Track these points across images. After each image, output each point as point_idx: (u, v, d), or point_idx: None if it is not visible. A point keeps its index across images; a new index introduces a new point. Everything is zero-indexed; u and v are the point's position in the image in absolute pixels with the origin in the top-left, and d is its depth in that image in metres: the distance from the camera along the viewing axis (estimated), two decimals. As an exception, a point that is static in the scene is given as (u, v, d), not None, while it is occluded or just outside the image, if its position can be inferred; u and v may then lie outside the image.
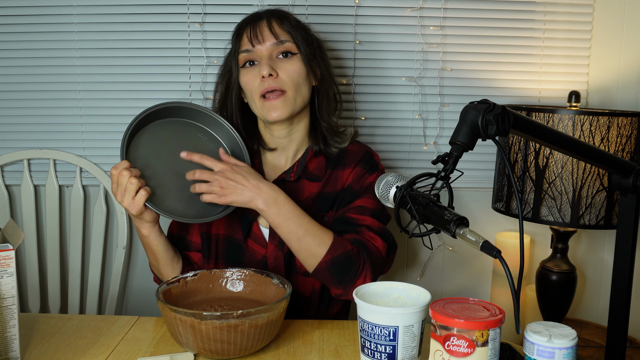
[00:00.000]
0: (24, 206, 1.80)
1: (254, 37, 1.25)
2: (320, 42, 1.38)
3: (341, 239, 1.18)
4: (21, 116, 1.78)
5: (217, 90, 1.37)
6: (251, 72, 1.25)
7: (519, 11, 1.73)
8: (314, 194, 1.29)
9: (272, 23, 1.26)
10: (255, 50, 1.25)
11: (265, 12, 1.30)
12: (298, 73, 1.25)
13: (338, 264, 1.15)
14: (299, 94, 1.25)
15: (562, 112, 1.45)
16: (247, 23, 1.28)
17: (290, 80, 1.24)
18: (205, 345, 0.97)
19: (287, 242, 1.18)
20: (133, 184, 1.11)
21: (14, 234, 1.01)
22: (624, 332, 1.04)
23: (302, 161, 1.31)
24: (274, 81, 1.22)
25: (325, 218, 1.28)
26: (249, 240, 1.28)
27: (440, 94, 1.76)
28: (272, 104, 1.23)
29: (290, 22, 1.28)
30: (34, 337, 1.09)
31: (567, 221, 1.46)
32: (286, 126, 1.30)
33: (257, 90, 1.24)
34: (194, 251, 1.33)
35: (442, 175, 0.87)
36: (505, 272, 0.76)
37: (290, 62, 1.25)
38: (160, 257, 1.24)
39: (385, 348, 0.90)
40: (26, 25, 1.73)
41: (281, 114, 1.23)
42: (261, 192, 1.15)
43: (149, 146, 1.22)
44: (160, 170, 1.21)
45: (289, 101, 1.24)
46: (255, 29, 1.25)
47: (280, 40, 1.24)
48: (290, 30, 1.26)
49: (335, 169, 1.31)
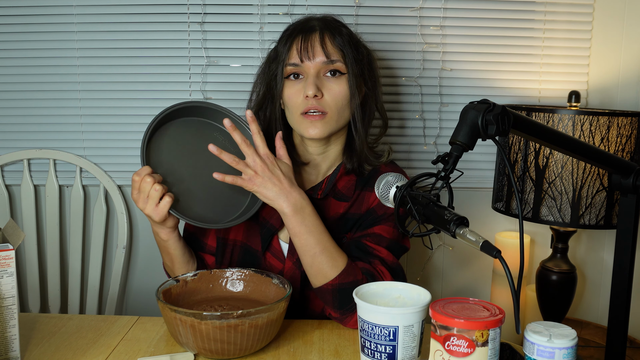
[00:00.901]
0: (24, 206, 1.80)
1: (304, 51, 1.19)
2: (371, 57, 1.31)
3: (354, 266, 1.15)
4: (21, 116, 1.78)
5: (255, 90, 1.31)
6: (295, 86, 1.21)
7: (519, 11, 1.73)
8: (339, 214, 1.26)
9: (325, 38, 1.20)
10: (303, 66, 1.20)
11: (319, 21, 1.24)
12: (344, 95, 1.20)
13: (344, 291, 1.12)
14: (341, 116, 1.22)
15: (562, 112, 1.45)
16: (299, 32, 1.22)
17: (334, 102, 1.20)
18: (205, 345, 0.97)
19: (301, 254, 1.15)
20: (157, 190, 1.07)
21: (14, 234, 1.01)
22: (624, 332, 1.04)
23: (332, 179, 1.27)
24: (318, 102, 1.19)
25: (344, 239, 1.25)
26: (267, 253, 1.26)
27: (440, 94, 1.76)
28: (311, 122, 1.19)
29: (342, 37, 1.22)
30: (34, 337, 1.09)
31: (567, 221, 1.46)
32: (322, 144, 1.26)
33: (299, 107, 1.20)
34: (208, 254, 1.31)
35: (442, 175, 0.87)
36: (505, 272, 0.76)
37: (338, 83, 1.20)
38: (176, 261, 1.21)
39: (385, 348, 0.90)
40: (26, 25, 1.73)
41: (319, 133, 1.20)
42: (290, 195, 1.12)
43: (169, 150, 1.17)
44: (183, 174, 1.17)
45: (328, 122, 1.20)
46: (307, 43, 1.20)
47: (331, 60, 1.19)
48: (342, 48, 1.21)
49: (364, 190, 1.27)
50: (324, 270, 1.13)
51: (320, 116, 1.19)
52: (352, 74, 1.21)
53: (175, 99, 1.72)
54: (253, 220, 1.26)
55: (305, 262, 1.15)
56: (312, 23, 1.23)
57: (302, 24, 1.24)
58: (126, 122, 1.77)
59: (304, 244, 1.13)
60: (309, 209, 1.14)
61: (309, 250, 1.13)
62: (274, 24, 1.71)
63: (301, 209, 1.13)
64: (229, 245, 1.29)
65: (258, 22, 1.71)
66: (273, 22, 1.71)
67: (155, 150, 1.16)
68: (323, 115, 1.19)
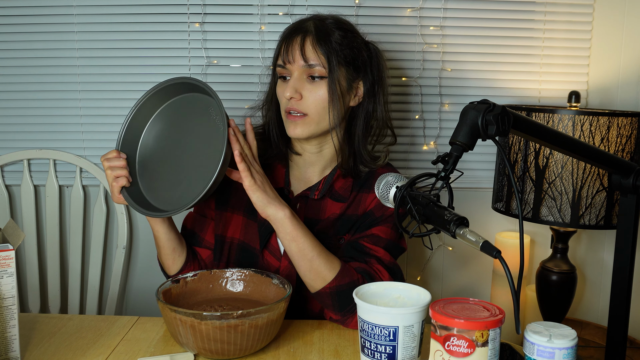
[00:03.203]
0: (24, 206, 1.80)
1: (285, 54, 1.21)
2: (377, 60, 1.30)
3: (348, 267, 1.15)
4: (21, 116, 1.78)
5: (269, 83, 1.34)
6: (282, 86, 1.24)
7: (519, 11, 1.73)
8: (336, 214, 1.26)
9: (306, 42, 1.20)
10: (288, 67, 1.22)
11: (309, 23, 1.23)
12: (322, 99, 1.20)
13: (343, 293, 1.12)
14: (322, 118, 1.22)
15: (562, 112, 1.45)
16: (287, 35, 1.24)
17: (314, 105, 1.20)
18: (205, 345, 0.97)
19: (298, 260, 1.14)
20: (109, 175, 1.14)
21: (14, 234, 1.01)
22: (624, 332, 1.04)
23: (329, 179, 1.28)
24: (297, 103, 1.20)
25: (342, 240, 1.26)
26: (265, 251, 1.26)
27: (440, 94, 1.76)
28: (292, 122, 1.21)
29: (329, 41, 1.20)
30: (34, 337, 1.09)
31: (567, 221, 1.46)
32: (315, 143, 1.27)
33: (284, 106, 1.23)
34: (203, 248, 1.31)
35: (442, 176, 0.87)
36: (505, 272, 0.76)
37: (318, 86, 1.20)
38: (161, 245, 1.23)
39: (385, 348, 0.90)
40: (26, 25, 1.73)
41: (300, 133, 1.21)
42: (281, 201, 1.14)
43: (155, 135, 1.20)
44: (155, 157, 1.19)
45: (309, 124, 1.21)
46: (288, 47, 1.21)
47: (309, 64, 1.19)
48: (326, 52, 1.19)
49: (361, 192, 1.28)
50: (322, 273, 1.13)
51: (302, 117, 1.21)
52: (335, 77, 1.20)
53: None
54: (252, 219, 1.27)
55: (303, 268, 1.14)
56: (305, 24, 1.24)
57: (295, 25, 1.25)
58: (126, 122, 1.77)
59: (301, 248, 1.13)
60: (296, 216, 1.15)
61: (307, 253, 1.13)
62: (274, 24, 1.71)
63: (293, 213, 1.14)
64: (226, 243, 1.29)
65: (258, 22, 1.71)
66: (273, 22, 1.71)
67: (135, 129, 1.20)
68: (304, 116, 1.21)
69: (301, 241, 1.12)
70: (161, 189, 1.17)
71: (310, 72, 1.20)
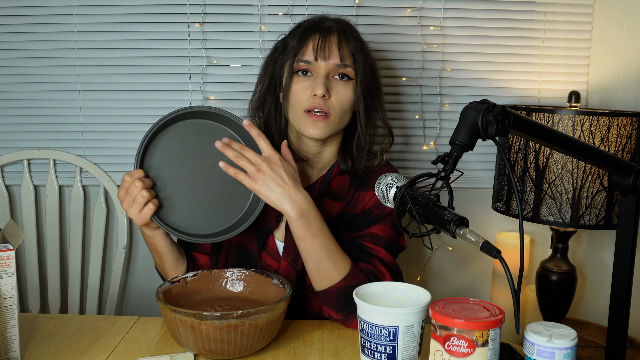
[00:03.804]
0: (24, 206, 1.80)
1: (320, 50, 1.19)
2: (376, 67, 1.32)
3: (357, 268, 1.15)
4: (21, 116, 1.78)
5: (260, 82, 1.31)
6: (303, 82, 1.21)
7: (519, 11, 1.73)
8: (335, 214, 1.26)
9: (342, 41, 1.21)
10: (316, 64, 1.20)
11: (335, 23, 1.24)
12: (349, 100, 1.21)
13: (349, 294, 1.11)
14: (342, 119, 1.23)
15: (562, 112, 1.45)
16: (317, 30, 1.22)
17: (339, 105, 1.21)
18: (205, 345, 0.97)
19: (306, 259, 1.13)
20: (144, 197, 1.07)
21: (14, 234, 1.01)
22: (624, 332, 1.04)
23: (326, 178, 1.28)
24: (325, 102, 1.19)
25: (341, 239, 1.24)
26: (263, 253, 1.26)
27: (440, 94, 1.76)
28: (314, 122, 1.20)
29: (355, 42, 1.23)
30: (34, 337, 1.09)
31: (567, 221, 1.46)
32: (320, 144, 1.27)
33: (304, 104, 1.20)
34: (201, 253, 1.30)
35: (442, 176, 0.87)
36: (505, 272, 0.76)
37: (345, 87, 1.21)
38: (165, 258, 1.21)
39: (385, 348, 0.90)
40: (26, 25, 1.73)
41: (320, 134, 1.20)
42: (295, 197, 1.09)
43: (164, 155, 1.15)
44: (173, 181, 1.15)
45: (330, 124, 1.21)
46: (325, 43, 1.20)
47: (344, 64, 1.20)
48: (355, 53, 1.22)
49: (359, 190, 1.27)
50: (329, 274, 1.12)
51: (324, 117, 1.20)
52: (359, 80, 1.22)
53: (175, 99, 1.74)
54: None
55: (310, 266, 1.14)
56: (329, 24, 1.24)
57: (318, 23, 1.25)
58: (126, 122, 1.77)
59: (309, 248, 1.12)
60: (313, 212, 1.12)
61: (315, 254, 1.12)
62: (274, 24, 1.71)
63: (306, 211, 1.10)
64: (224, 245, 1.29)
65: (258, 22, 1.71)
66: (273, 22, 1.71)
67: (150, 154, 1.13)
68: (327, 116, 1.20)
69: (309, 242, 1.11)
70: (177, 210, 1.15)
71: (342, 72, 1.21)
